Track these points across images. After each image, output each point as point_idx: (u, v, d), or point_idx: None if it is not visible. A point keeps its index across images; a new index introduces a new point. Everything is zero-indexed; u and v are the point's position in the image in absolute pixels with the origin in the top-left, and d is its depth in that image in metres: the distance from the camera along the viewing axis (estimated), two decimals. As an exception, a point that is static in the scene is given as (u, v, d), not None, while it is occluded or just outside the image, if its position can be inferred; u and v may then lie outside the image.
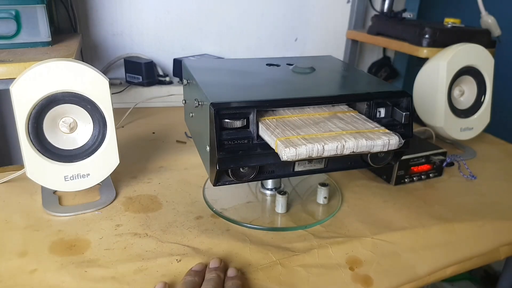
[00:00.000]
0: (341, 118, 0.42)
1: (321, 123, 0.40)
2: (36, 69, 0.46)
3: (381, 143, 0.37)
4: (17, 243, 0.45)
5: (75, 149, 0.51)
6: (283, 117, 0.42)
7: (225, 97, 0.41)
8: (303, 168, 0.44)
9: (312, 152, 0.35)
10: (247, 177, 0.41)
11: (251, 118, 0.40)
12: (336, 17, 1.10)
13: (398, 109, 0.43)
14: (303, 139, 0.36)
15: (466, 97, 0.77)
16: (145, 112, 0.87)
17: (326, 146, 0.36)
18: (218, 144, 0.38)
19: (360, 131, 0.38)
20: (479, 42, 0.76)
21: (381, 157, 0.44)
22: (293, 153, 0.35)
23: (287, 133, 0.38)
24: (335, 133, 0.38)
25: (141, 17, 0.94)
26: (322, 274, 0.43)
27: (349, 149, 0.36)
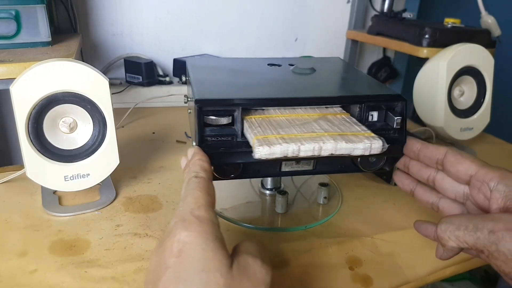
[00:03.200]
0: (329, 120, 0.41)
1: (306, 124, 0.39)
2: (36, 69, 0.46)
3: (362, 147, 0.36)
4: (17, 243, 0.45)
5: (75, 149, 0.51)
6: (269, 116, 0.41)
7: (212, 94, 0.41)
8: (291, 169, 0.43)
9: (287, 152, 0.35)
10: (230, 175, 0.41)
11: (236, 116, 0.40)
12: (336, 17, 1.10)
13: (392, 113, 0.42)
14: (281, 139, 0.36)
15: (466, 97, 0.77)
16: (145, 112, 0.87)
17: (303, 146, 0.35)
18: (200, 140, 0.39)
19: (344, 133, 0.37)
20: (479, 42, 0.76)
21: (372, 162, 0.43)
22: (267, 152, 0.35)
23: (267, 132, 0.37)
24: (316, 134, 0.37)
25: (141, 17, 0.94)
26: (322, 273, 0.43)
27: (327, 151, 0.35)
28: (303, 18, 1.08)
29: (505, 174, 0.34)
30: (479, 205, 0.37)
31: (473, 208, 0.38)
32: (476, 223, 0.31)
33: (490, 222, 0.31)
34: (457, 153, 0.38)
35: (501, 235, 0.30)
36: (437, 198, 0.41)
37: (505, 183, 0.34)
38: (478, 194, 0.36)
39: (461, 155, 0.38)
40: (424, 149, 0.40)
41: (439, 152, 0.39)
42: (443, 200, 0.41)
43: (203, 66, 0.56)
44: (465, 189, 0.38)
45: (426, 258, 0.46)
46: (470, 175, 0.36)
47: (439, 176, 0.40)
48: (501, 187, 0.34)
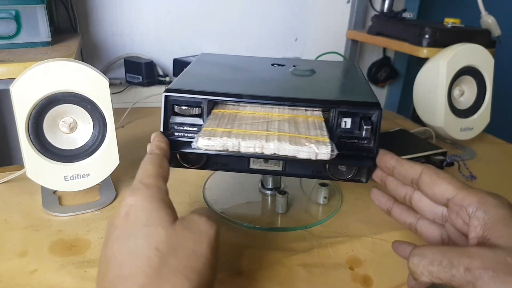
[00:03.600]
0: (296, 122, 0.39)
1: (269, 123, 0.39)
2: (36, 69, 0.46)
3: (306, 150, 0.34)
4: (17, 243, 0.45)
5: (75, 149, 0.51)
6: (237, 112, 0.41)
7: (184, 85, 0.42)
8: (259, 167, 0.43)
9: (227, 146, 0.35)
10: (196, 164, 0.42)
11: (204, 108, 0.41)
12: (336, 17, 1.10)
13: (364, 121, 0.40)
14: (227, 133, 0.36)
15: (466, 97, 0.77)
16: (145, 112, 0.87)
17: (243, 142, 0.35)
18: (164, 126, 0.41)
19: (296, 135, 0.36)
20: (479, 42, 0.76)
21: (342, 171, 0.41)
22: (205, 144, 0.35)
23: (222, 125, 0.38)
24: (266, 133, 0.36)
25: (141, 17, 0.94)
26: (322, 273, 0.43)
27: (269, 150, 0.34)
28: (303, 18, 1.08)
29: (484, 199, 0.31)
30: (458, 229, 0.35)
31: (453, 230, 0.36)
32: (451, 259, 0.28)
33: (467, 258, 0.28)
34: (433, 173, 0.35)
35: (478, 274, 0.27)
36: (415, 218, 0.39)
37: (484, 209, 0.31)
38: (457, 218, 0.34)
39: (437, 176, 0.35)
40: (398, 167, 0.37)
41: (414, 171, 0.36)
42: (421, 221, 0.39)
43: (205, 61, 0.56)
44: (443, 210, 0.36)
45: (426, 258, 0.46)
46: (448, 198, 0.34)
47: (416, 196, 0.38)
48: (480, 214, 0.31)
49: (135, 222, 0.29)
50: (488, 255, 0.28)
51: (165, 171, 0.34)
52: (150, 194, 0.31)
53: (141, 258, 0.27)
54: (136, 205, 0.30)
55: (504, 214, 0.30)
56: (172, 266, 0.27)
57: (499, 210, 0.30)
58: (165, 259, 0.28)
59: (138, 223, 0.29)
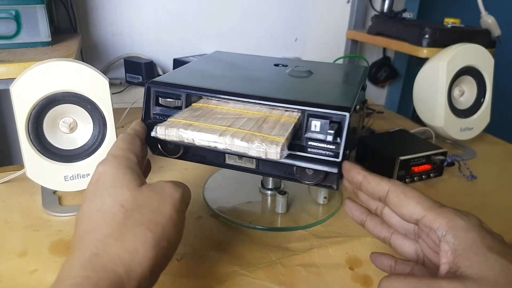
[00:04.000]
0: (264, 121, 0.39)
1: (237, 119, 0.39)
2: (36, 69, 0.46)
3: (256, 148, 0.35)
4: (17, 243, 0.45)
5: (75, 149, 0.51)
6: (215, 107, 0.42)
7: (169, 79, 0.45)
8: (234, 163, 0.43)
9: (182, 138, 0.37)
10: (174, 154, 0.44)
11: (182, 101, 0.43)
12: (336, 17, 1.10)
13: (333, 125, 0.38)
14: (187, 125, 0.37)
15: (466, 97, 0.77)
16: (145, 112, 0.87)
17: (197, 135, 0.36)
18: (145, 115, 0.44)
19: (254, 133, 0.36)
20: (479, 42, 0.76)
21: (309, 175, 0.40)
22: (161, 133, 0.37)
23: (190, 118, 0.39)
24: (226, 128, 0.37)
25: (141, 17, 0.94)
26: (322, 273, 0.43)
27: (221, 144, 0.35)
28: (303, 18, 1.08)
29: (453, 221, 0.30)
30: (430, 248, 0.34)
31: (426, 247, 0.35)
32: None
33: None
34: (400, 192, 0.33)
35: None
36: (389, 232, 0.38)
37: (454, 233, 0.30)
38: (428, 240, 0.33)
39: (404, 195, 0.33)
40: (365, 184, 0.36)
41: (381, 189, 0.34)
42: (394, 235, 0.37)
43: (211, 58, 0.58)
44: (415, 227, 0.35)
45: (426, 258, 0.46)
46: (416, 219, 0.32)
47: (387, 211, 0.36)
48: (450, 238, 0.30)
49: (103, 185, 0.32)
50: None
51: (135, 147, 0.37)
52: (118, 162, 0.33)
53: (107, 213, 0.30)
54: (104, 172, 0.33)
55: (474, 239, 0.29)
56: (136, 219, 0.30)
57: (468, 234, 0.29)
58: (130, 214, 0.30)
59: (105, 186, 0.32)
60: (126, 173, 0.33)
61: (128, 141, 0.37)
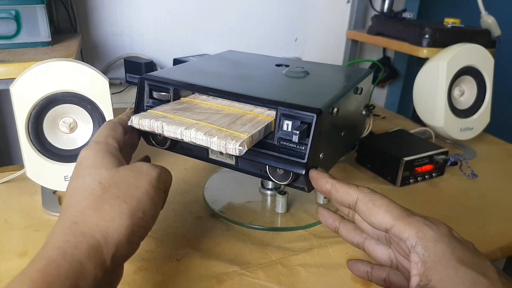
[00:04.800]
0: (239, 117, 0.40)
1: (213, 115, 0.40)
2: (36, 69, 0.46)
3: (216, 142, 0.35)
4: (17, 243, 0.45)
5: (75, 149, 0.51)
6: (198, 101, 0.44)
7: (163, 74, 0.47)
8: (216, 158, 0.44)
9: (154, 128, 0.38)
10: (162, 145, 0.46)
11: (171, 94, 0.45)
12: (336, 17, 1.10)
13: (302, 125, 0.38)
14: (162, 117, 0.39)
15: (466, 97, 0.77)
16: (145, 112, 0.87)
17: (166, 126, 0.37)
18: (137, 106, 0.46)
19: (220, 128, 0.37)
20: (479, 42, 0.76)
21: (280, 174, 0.40)
22: (136, 122, 0.39)
23: (169, 111, 0.41)
24: (195, 122, 0.38)
25: (141, 17, 0.94)
26: (322, 273, 0.43)
27: (186, 137, 0.36)
28: (303, 18, 1.08)
29: (423, 232, 0.30)
30: (402, 255, 0.34)
31: (398, 254, 0.35)
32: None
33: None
34: (368, 200, 0.33)
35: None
36: (362, 238, 0.38)
37: (423, 244, 0.29)
38: (398, 248, 0.33)
39: (373, 204, 0.33)
40: (334, 193, 0.35)
41: (350, 197, 0.34)
42: (368, 241, 0.37)
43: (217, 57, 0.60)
44: (386, 234, 0.34)
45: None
46: (386, 228, 0.32)
47: (358, 218, 0.36)
48: (419, 249, 0.29)
49: (84, 166, 0.34)
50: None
51: (117, 133, 0.39)
52: (99, 147, 0.36)
53: (86, 190, 0.32)
54: (86, 156, 0.35)
55: (443, 251, 0.29)
56: (113, 193, 0.32)
57: (438, 246, 0.29)
58: (107, 189, 0.32)
59: (86, 167, 0.34)
60: (105, 156, 0.35)
61: (110, 128, 0.39)
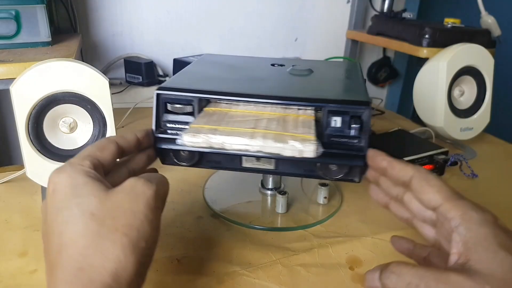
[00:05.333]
0: (284, 120, 0.39)
1: (257, 121, 0.39)
2: (36, 69, 0.46)
3: (290, 148, 0.34)
4: (17, 243, 0.45)
5: (75, 149, 0.51)
6: (227, 110, 0.41)
7: (178, 84, 0.43)
8: (251, 165, 0.42)
9: (211, 144, 0.35)
10: (188, 162, 0.42)
11: (195, 106, 0.41)
12: (336, 17, 1.10)
13: (354, 120, 0.39)
14: (213, 130, 0.36)
15: (466, 97, 0.77)
16: (145, 112, 0.87)
17: (228, 139, 0.35)
18: (157, 124, 0.41)
19: (283, 133, 0.36)
20: (479, 42, 0.76)
21: (333, 170, 0.40)
22: (190, 140, 0.35)
23: (210, 122, 0.37)
24: (253, 130, 0.36)
25: (141, 17, 0.94)
26: (322, 273, 0.43)
27: (254, 147, 0.34)
28: (303, 18, 1.08)
29: (468, 214, 0.31)
30: (445, 236, 0.34)
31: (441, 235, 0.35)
32: (428, 284, 0.28)
33: (444, 285, 0.28)
34: (423, 179, 0.34)
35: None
36: (411, 216, 0.38)
37: (466, 226, 0.30)
38: (442, 228, 0.34)
39: (427, 182, 0.34)
40: (390, 169, 0.36)
41: (405, 174, 0.35)
42: (415, 220, 0.38)
43: (205, 61, 0.56)
44: (432, 214, 0.35)
45: (426, 258, 0.46)
46: (434, 207, 0.33)
47: (407, 198, 0.37)
48: (462, 230, 0.30)
49: (64, 197, 0.29)
50: (466, 283, 0.27)
51: (103, 154, 0.34)
52: (73, 171, 0.31)
53: (78, 224, 0.28)
54: (60, 182, 0.30)
55: (486, 234, 0.30)
56: (110, 225, 0.28)
57: (481, 229, 0.30)
58: (102, 221, 0.28)
59: (67, 197, 0.29)
60: (87, 181, 0.30)
61: (95, 147, 0.34)
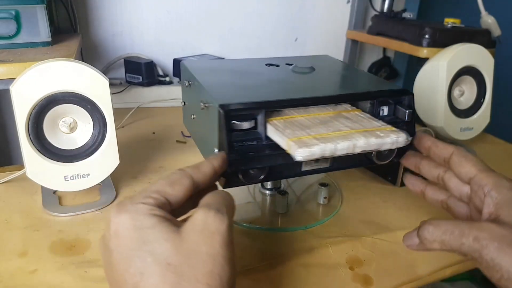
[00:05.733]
0: (347, 117, 0.42)
1: (328, 122, 0.40)
2: (36, 69, 0.46)
3: (390, 141, 0.37)
4: (17, 243, 0.45)
5: (75, 149, 0.51)
6: (290, 117, 0.41)
7: (233, 98, 0.40)
8: (310, 168, 0.43)
9: (325, 152, 0.35)
10: (256, 179, 0.40)
11: (260, 119, 0.39)
12: (336, 17, 1.10)
13: (401, 106, 0.44)
14: (315, 139, 0.36)
15: (466, 97, 0.77)
16: (145, 112, 0.87)
17: (339, 145, 0.35)
18: (229, 146, 0.37)
19: (368, 129, 0.39)
20: (479, 42, 0.76)
21: (385, 154, 0.44)
22: (307, 153, 0.34)
23: (297, 133, 0.37)
24: (345, 132, 0.38)
25: (141, 17, 0.94)
26: (322, 273, 0.43)
27: (360, 147, 0.36)
28: (303, 18, 1.08)
29: (499, 182, 0.35)
30: (476, 206, 0.38)
31: (474, 209, 0.39)
32: (462, 230, 0.32)
33: (476, 230, 0.32)
34: (462, 155, 0.39)
35: (485, 244, 0.31)
36: (446, 196, 0.43)
37: (498, 190, 0.35)
38: (476, 197, 0.37)
39: (465, 158, 0.39)
40: (434, 147, 0.41)
41: (447, 151, 0.40)
42: (451, 198, 0.42)
43: (206, 69, 0.54)
44: (467, 189, 0.39)
45: (426, 258, 0.46)
46: (470, 178, 0.38)
47: (447, 175, 0.41)
48: (494, 193, 0.35)
49: (132, 243, 0.27)
50: (496, 229, 0.31)
51: (175, 190, 0.31)
52: (136, 211, 0.28)
53: (154, 277, 0.26)
54: (122, 224, 0.27)
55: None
56: (190, 276, 0.26)
57: (510, 193, 0.34)
58: (180, 271, 0.26)
59: (135, 243, 0.27)
60: (154, 225, 0.27)
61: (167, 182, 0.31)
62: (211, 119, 0.40)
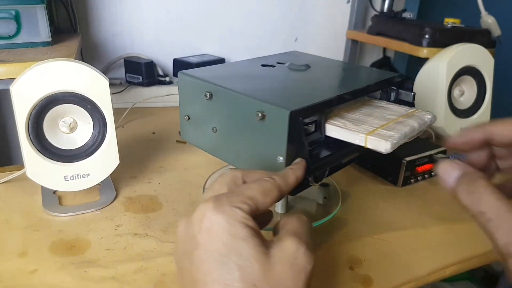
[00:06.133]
0: (379, 106, 0.46)
1: (372, 114, 0.43)
2: (36, 69, 0.46)
3: (428, 121, 0.42)
4: (17, 243, 0.45)
5: (75, 149, 0.51)
6: (340, 114, 0.43)
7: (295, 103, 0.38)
8: (348, 159, 0.45)
9: (401, 139, 0.38)
10: (319, 180, 0.40)
11: (320, 120, 0.40)
12: (336, 17, 1.10)
13: (405, 90, 0.50)
14: (384, 130, 0.39)
15: (466, 97, 0.77)
16: (145, 112, 0.87)
17: (405, 131, 0.39)
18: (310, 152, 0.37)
19: (407, 114, 0.43)
20: (479, 42, 0.76)
21: None
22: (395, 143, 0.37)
23: (364, 127, 0.39)
24: (393, 121, 0.41)
25: (141, 17, 0.94)
26: (322, 273, 0.43)
27: (417, 130, 0.40)
28: (303, 18, 1.08)
29: None
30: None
31: None
32: None
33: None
34: None
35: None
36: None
37: None
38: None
39: None
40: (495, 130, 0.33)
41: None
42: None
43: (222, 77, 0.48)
44: None
45: (426, 258, 0.46)
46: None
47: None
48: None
49: (222, 247, 0.27)
50: None
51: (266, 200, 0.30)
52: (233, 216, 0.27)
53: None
54: (218, 224, 0.27)
55: None
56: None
57: None
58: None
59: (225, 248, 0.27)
60: (247, 238, 0.27)
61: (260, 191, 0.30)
62: (273, 127, 0.38)
